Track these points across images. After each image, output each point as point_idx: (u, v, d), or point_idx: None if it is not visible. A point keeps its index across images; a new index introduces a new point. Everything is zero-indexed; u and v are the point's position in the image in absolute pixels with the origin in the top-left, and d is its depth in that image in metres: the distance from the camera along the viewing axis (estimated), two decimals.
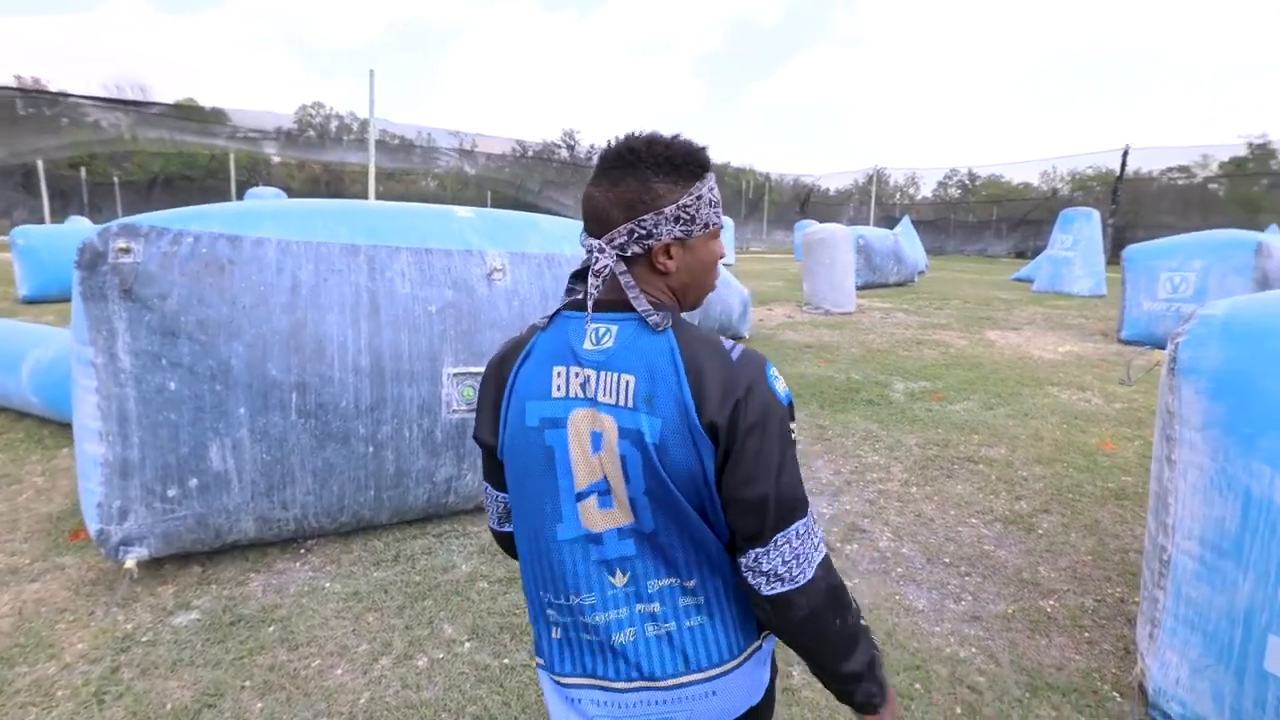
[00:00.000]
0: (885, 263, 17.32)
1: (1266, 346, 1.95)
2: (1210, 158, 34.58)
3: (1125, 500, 4.32)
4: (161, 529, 3.01)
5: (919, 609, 3.15)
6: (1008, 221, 39.61)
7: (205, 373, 2.95)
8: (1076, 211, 16.60)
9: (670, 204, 1.02)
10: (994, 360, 8.50)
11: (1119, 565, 3.53)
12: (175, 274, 2.90)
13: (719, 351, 1.00)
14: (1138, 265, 9.85)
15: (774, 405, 0.98)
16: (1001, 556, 3.65)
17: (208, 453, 3.01)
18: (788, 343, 9.48)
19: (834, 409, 6.29)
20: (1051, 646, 2.86)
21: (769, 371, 1.00)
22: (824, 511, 4.17)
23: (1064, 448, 5.27)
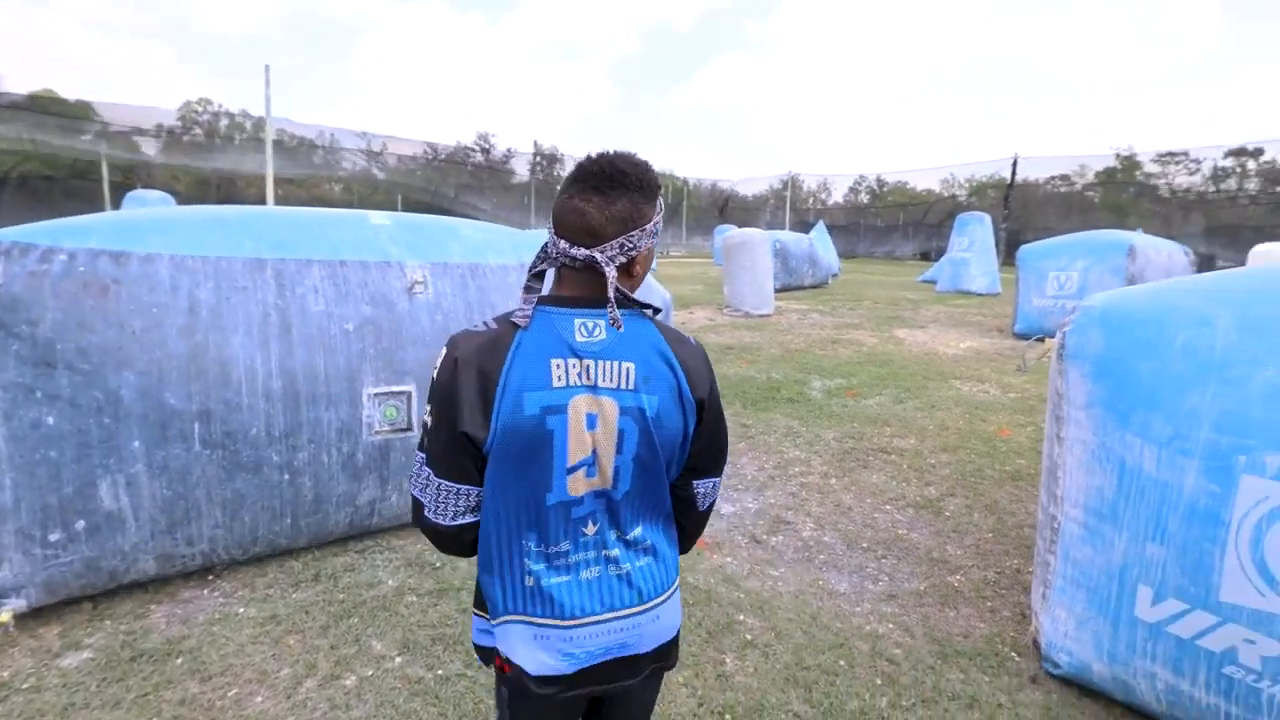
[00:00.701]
0: (801, 266, 17.87)
1: (1136, 334, 2.17)
2: (1087, 167, 37.61)
3: (1020, 481, 4.62)
4: (43, 577, 2.74)
5: (841, 592, 3.29)
6: (913, 225, 41.51)
7: (90, 405, 2.70)
8: (971, 216, 17.60)
9: (649, 222, 1.21)
10: (903, 357, 8.91)
11: (1015, 540, 3.78)
12: (47, 297, 2.61)
13: (686, 341, 1.30)
14: (1029, 265, 10.62)
15: (715, 381, 1.33)
16: (914, 539, 3.85)
17: (97, 491, 2.76)
18: (710, 345, 9.66)
19: (757, 408, 6.46)
20: (959, 617, 3.05)
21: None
22: (749, 506, 4.29)
23: (966, 436, 5.59)
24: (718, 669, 2.69)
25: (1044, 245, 10.78)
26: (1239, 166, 33.15)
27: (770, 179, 52.77)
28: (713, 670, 2.68)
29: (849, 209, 50.47)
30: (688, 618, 3.01)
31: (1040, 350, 2.91)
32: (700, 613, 3.06)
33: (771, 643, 2.85)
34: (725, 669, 2.69)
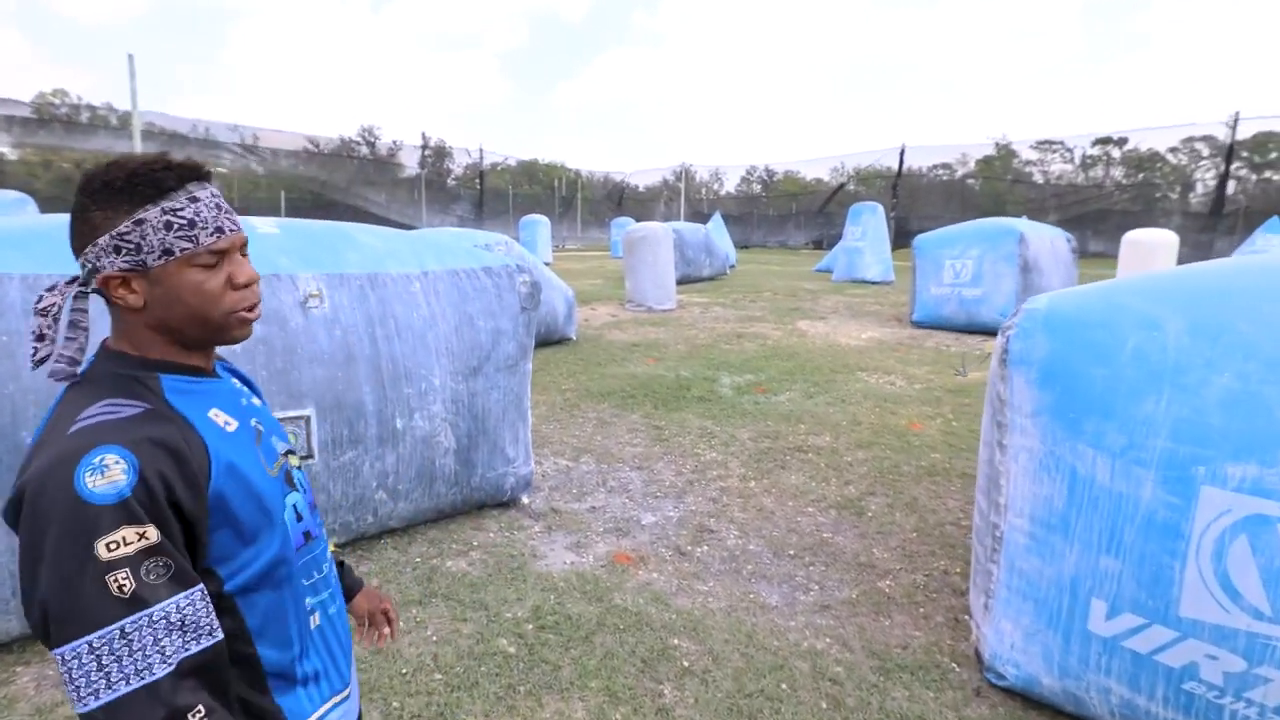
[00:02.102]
0: (698, 256, 17.95)
1: (1083, 337, 2.11)
2: (968, 156, 39.57)
3: (936, 477, 4.68)
4: None
5: (773, 605, 3.18)
6: (805, 214, 42.72)
7: None
8: (864, 205, 18.16)
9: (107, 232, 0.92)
10: (808, 350, 9.02)
11: (940, 540, 3.79)
12: None
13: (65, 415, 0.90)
14: (926, 254, 10.88)
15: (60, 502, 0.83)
16: (839, 543, 3.79)
17: None
18: (615, 342, 9.49)
19: (668, 408, 6.33)
20: (894, 626, 2.99)
21: (89, 457, 0.84)
22: (670, 515, 4.14)
23: (879, 431, 5.65)
24: (656, 702, 2.53)
25: (940, 234, 11.07)
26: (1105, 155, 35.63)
27: (664, 170, 53.00)
28: (651, 704, 2.51)
29: (741, 199, 51.50)
30: (619, 645, 2.82)
31: (974, 354, 2.86)
32: (632, 639, 2.87)
33: (710, 668, 2.70)
34: (664, 701, 2.53)
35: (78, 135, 35.73)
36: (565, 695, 2.56)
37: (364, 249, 3.62)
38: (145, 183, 0.93)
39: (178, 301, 0.96)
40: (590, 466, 4.93)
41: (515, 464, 4.12)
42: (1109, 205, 30.70)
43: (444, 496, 3.82)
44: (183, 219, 0.94)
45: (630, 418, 6.08)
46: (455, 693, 2.57)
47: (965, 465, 4.85)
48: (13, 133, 30.96)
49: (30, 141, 32.67)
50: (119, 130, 33.52)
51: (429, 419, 3.63)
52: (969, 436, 5.45)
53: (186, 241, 0.94)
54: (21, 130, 31.34)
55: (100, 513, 0.83)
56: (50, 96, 40.35)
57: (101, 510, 0.83)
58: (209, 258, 0.97)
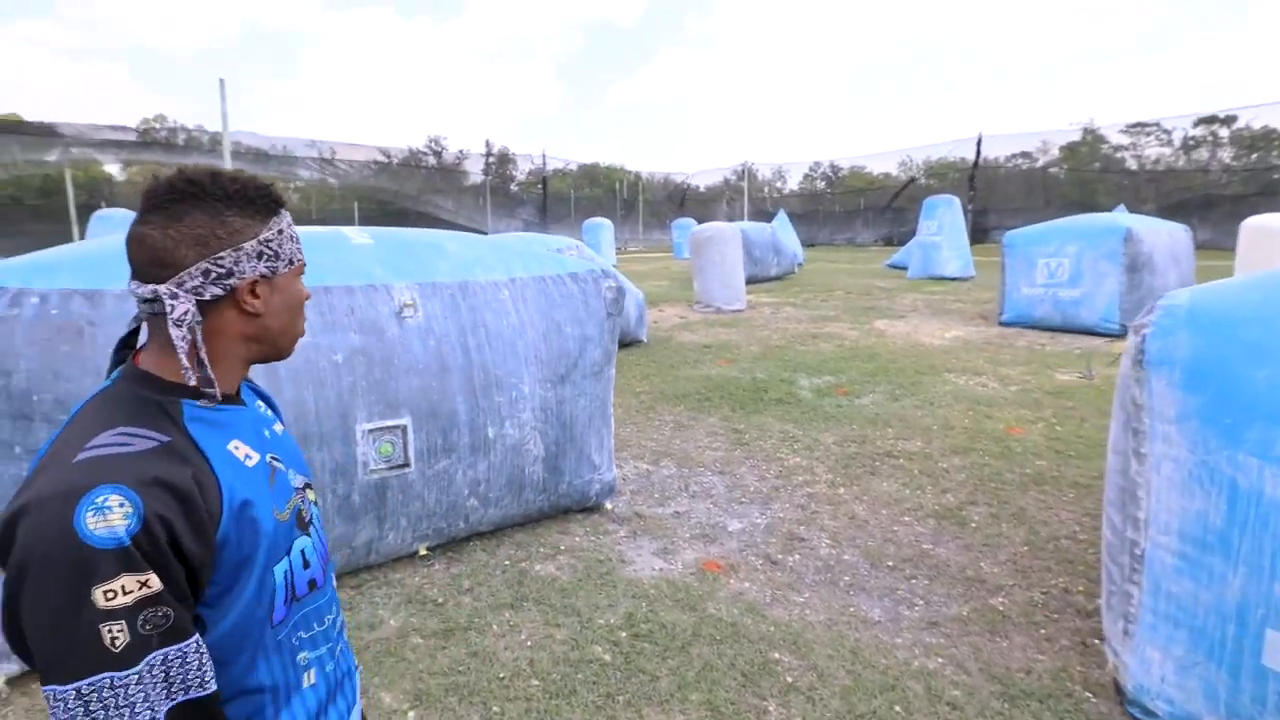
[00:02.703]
0: (765, 255, 17.67)
1: (1237, 335, 1.92)
2: (1050, 144, 37.57)
3: (1044, 486, 4.42)
4: None
5: (876, 620, 3.04)
6: (873, 210, 41.64)
7: None
8: (939, 199, 17.53)
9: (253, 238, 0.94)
10: (889, 350, 8.73)
11: (1055, 554, 3.56)
12: (19, 344, 2.40)
13: (77, 444, 0.82)
14: (1017, 251, 10.30)
15: (52, 545, 0.76)
16: (941, 555, 3.61)
17: None
18: (686, 344, 9.40)
19: (746, 410, 6.20)
20: (1013, 648, 2.81)
21: (91, 495, 0.77)
22: (758, 521, 4.03)
23: (975, 435, 5.39)
24: (761, 719, 2.41)
25: (1032, 231, 10.48)
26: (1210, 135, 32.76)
27: (724, 170, 52.49)
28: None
29: (806, 196, 50.54)
30: (718, 657, 2.74)
31: (1109, 353, 2.66)
32: (731, 651, 2.78)
33: (815, 685, 2.59)
34: (769, 719, 2.41)
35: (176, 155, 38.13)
36: (665, 707, 2.49)
37: (453, 258, 3.64)
38: (271, 198, 0.97)
39: (285, 309, 0.99)
40: (671, 470, 4.85)
41: (600, 470, 4.07)
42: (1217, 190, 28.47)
43: (532, 503, 3.80)
44: (294, 232, 1.00)
45: (708, 421, 5.98)
46: (553, 700, 2.54)
47: (1077, 474, 4.57)
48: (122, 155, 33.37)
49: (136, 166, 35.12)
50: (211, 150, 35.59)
51: (519, 427, 3.61)
52: (1077, 443, 5.15)
53: (300, 255, 1.01)
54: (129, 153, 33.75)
55: (100, 557, 0.76)
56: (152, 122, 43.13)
57: (101, 555, 0.76)
58: (301, 268, 1.03)
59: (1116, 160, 36.16)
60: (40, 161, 29.11)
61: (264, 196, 0.96)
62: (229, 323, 0.94)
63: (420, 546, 3.50)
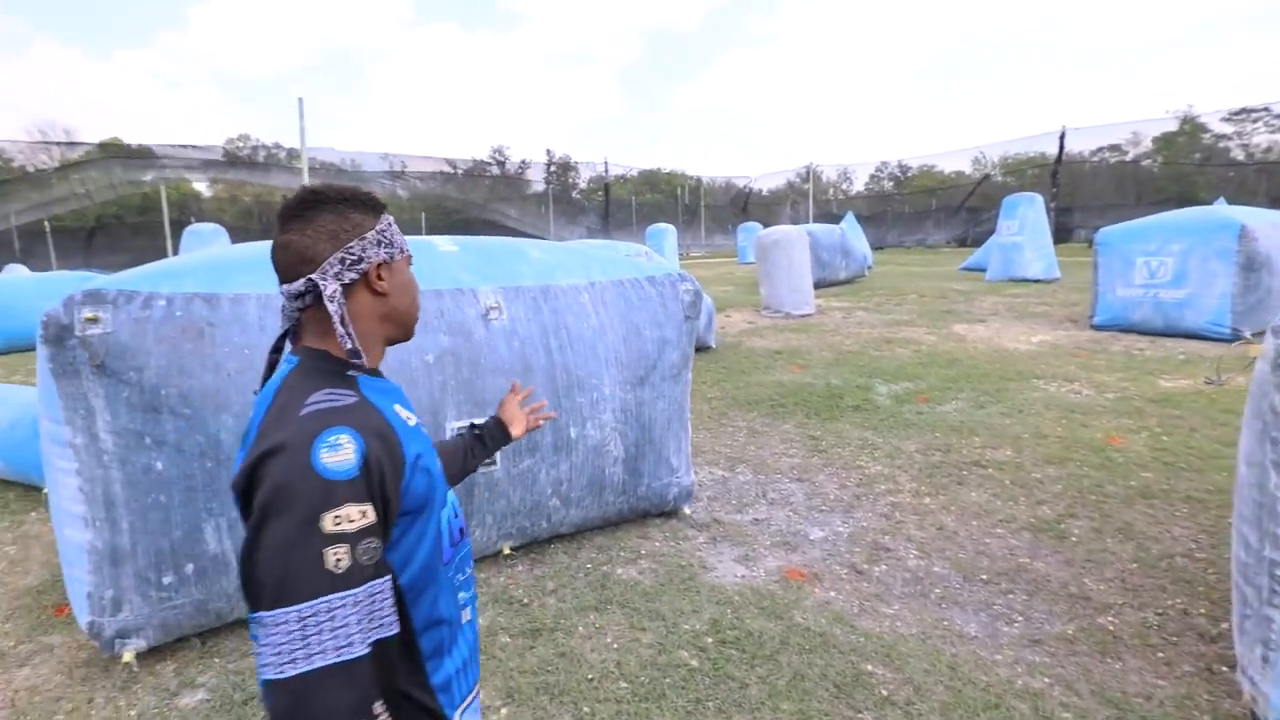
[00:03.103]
0: (834, 258, 17.30)
1: None
2: (1141, 134, 35.20)
3: (1153, 499, 4.16)
4: (159, 618, 2.75)
5: (972, 635, 2.91)
6: (945, 210, 40.37)
7: (194, 450, 2.66)
8: (1020, 197, 16.83)
9: (371, 230, 1.08)
10: (969, 355, 8.43)
11: (1169, 573, 3.34)
12: (150, 342, 2.58)
13: (299, 399, 0.96)
14: (1112, 249, 9.66)
15: (299, 474, 0.88)
16: (1040, 569, 3.44)
17: (203, 535, 2.74)
18: (756, 350, 9.27)
19: (822, 417, 6.07)
20: (1128, 671, 2.64)
21: (324, 436, 0.90)
22: (840, 530, 3.92)
23: (1071, 445, 5.13)
24: None
25: (1130, 228, 9.76)
26: None
27: (787, 173, 51.77)
28: None
29: (873, 198, 49.43)
30: (808, 667, 2.67)
31: (1242, 356, 2.47)
32: (821, 661, 2.70)
33: (913, 700, 2.49)
34: None
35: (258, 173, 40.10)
36: (756, 716, 2.44)
37: (534, 263, 3.70)
38: (375, 200, 1.13)
39: (404, 290, 1.14)
40: (747, 477, 4.78)
41: (678, 473, 4.03)
42: None
43: (611, 505, 3.80)
44: (398, 229, 1.15)
45: (782, 427, 5.87)
46: (643, 703, 2.52)
47: (1189, 488, 4.29)
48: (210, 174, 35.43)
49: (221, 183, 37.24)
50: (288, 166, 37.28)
51: (600, 428, 3.61)
52: (1188, 454, 4.84)
53: (407, 246, 1.15)
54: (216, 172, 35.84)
55: (333, 487, 0.87)
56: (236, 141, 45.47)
57: (334, 485, 0.88)
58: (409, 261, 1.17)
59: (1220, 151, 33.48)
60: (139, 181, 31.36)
61: (370, 199, 1.12)
62: (365, 305, 1.08)
63: (504, 545, 3.55)
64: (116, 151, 34.31)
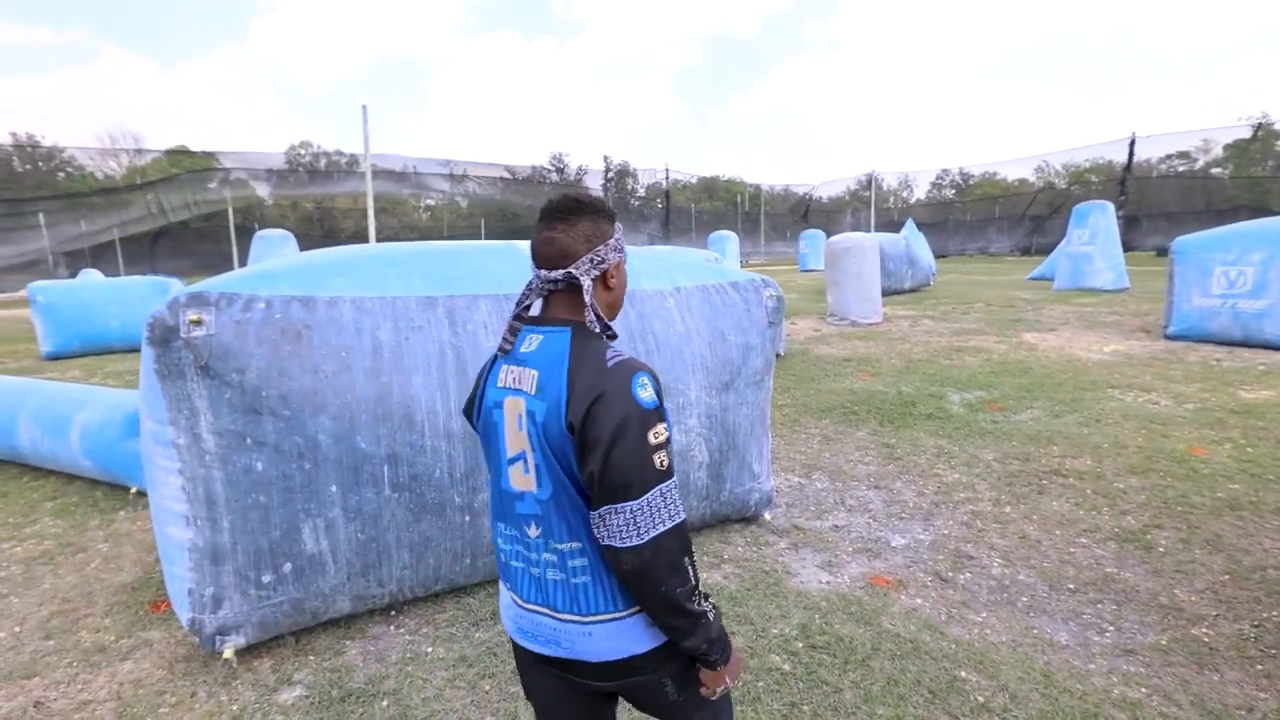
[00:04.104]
0: (899, 268, 17.13)
1: None
2: (1212, 142, 34.11)
3: (1241, 511, 4.10)
4: (258, 616, 2.81)
5: (1063, 644, 2.93)
6: (1008, 219, 39.45)
7: (292, 450, 2.72)
8: (1091, 205, 16.43)
9: (611, 238, 1.39)
10: (1042, 365, 8.30)
11: (1263, 585, 3.31)
12: (251, 344, 2.65)
13: (598, 357, 1.29)
14: (1188, 258, 9.44)
15: (630, 407, 1.23)
16: (1128, 579, 3.44)
17: (300, 535, 2.80)
18: (824, 357, 9.29)
19: (895, 425, 6.09)
20: (1226, 683, 2.64)
21: (636, 378, 1.26)
22: (921, 538, 3.96)
23: (1152, 455, 5.06)
24: None
25: (1209, 236, 9.56)
26: None
27: (848, 180, 51.38)
28: None
29: (934, 206, 48.57)
30: (901, 673, 2.73)
31: None
32: (914, 667, 2.77)
33: (1009, 707, 2.54)
34: None
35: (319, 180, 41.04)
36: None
37: None
38: (611, 211, 1.42)
39: (622, 285, 1.44)
40: (824, 484, 4.85)
41: (760, 479, 4.13)
42: None
43: (694, 510, 3.90)
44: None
45: (856, 434, 5.91)
46: (738, 706, 2.58)
47: (1279, 499, 4.21)
48: (272, 182, 36.37)
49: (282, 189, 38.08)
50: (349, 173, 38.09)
51: (685, 433, 3.73)
52: (1276, 466, 4.73)
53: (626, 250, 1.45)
54: (278, 180, 36.72)
55: (650, 414, 1.24)
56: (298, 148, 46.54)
57: (650, 412, 1.25)
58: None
59: None
60: (204, 188, 32.32)
61: (609, 209, 1.41)
62: (599, 295, 1.40)
63: None
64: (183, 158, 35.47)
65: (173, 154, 37.00)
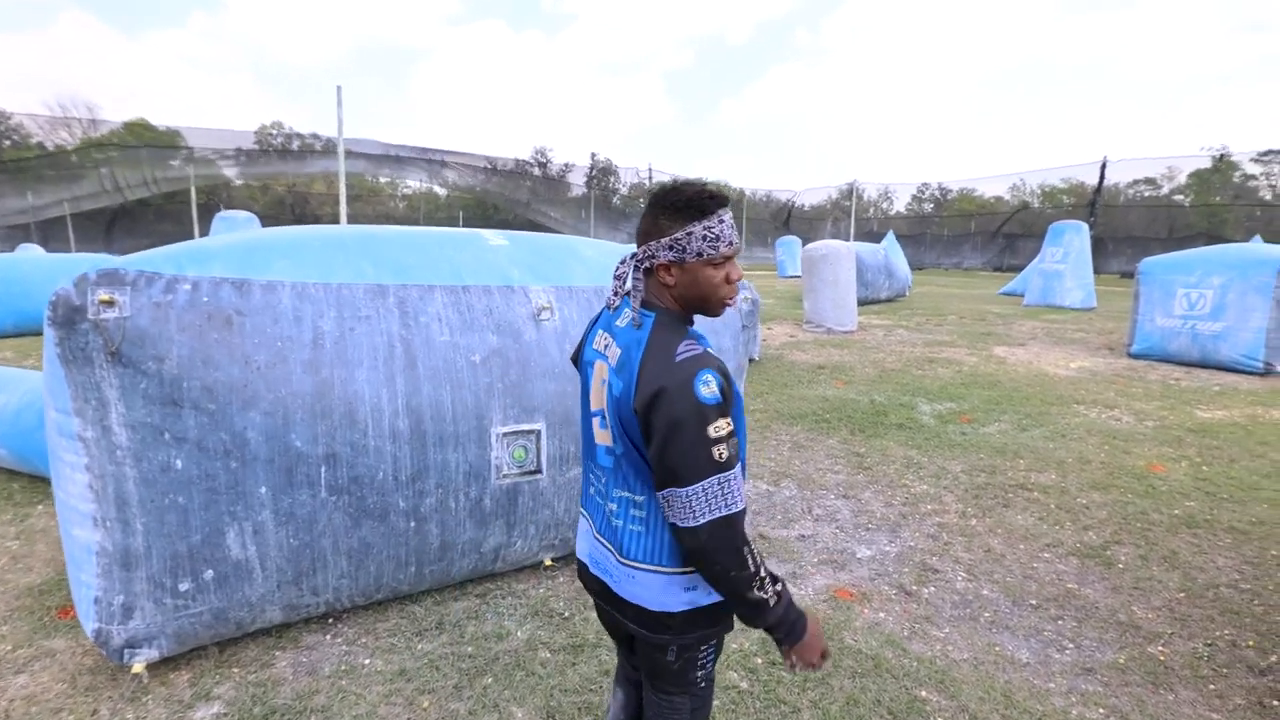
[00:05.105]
0: (877, 278, 17.24)
1: None
2: (1177, 169, 35.25)
3: (1197, 529, 4.10)
4: (173, 627, 2.57)
5: (1025, 662, 2.88)
6: (982, 235, 40.00)
7: (217, 448, 2.48)
8: (1066, 224, 16.65)
9: (665, 235, 1.42)
10: (1011, 378, 8.34)
11: (1216, 603, 3.30)
12: (173, 330, 2.39)
13: (668, 350, 1.37)
14: (1153, 279, 9.60)
15: (690, 403, 1.32)
16: (1089, 595, 3.40)
17: (224, 539, 2.56)
18: (798, 364, 9.25)
19: (866, 434, 6.05)
20: (1180, 703, 2.60)
21: (699, 376, 1.33)
22: (887, 549, 3.90)
23: (1114, 471, 5.07)
24: None
25: (1173, 258, 9.76)
26: None
27: (829, 188, 51.70)
28: None
29: (913, 218, 49.06)
30: (861, 692, 2.65)
31: None
32: (874, 686, 2.69)
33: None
34: None
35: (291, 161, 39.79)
36: None
37: (588, 262, 3.61)
38: (695, 207, 1.41)
39: (694, 285, 1.45)
40: (792, 492, 4.78)
41: None
42: None
43: None
44: (713, 234, 1.41)
45: (827, 442, 5.86)
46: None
47: (1232, 518, 4.22)
48: (240, 162, 34.85)
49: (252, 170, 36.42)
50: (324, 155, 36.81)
51: None
52: (1229, 484, 4.77)
53: (711, 249, 1.42)
54: (247, 160, 35.20)
55: (710, 410, 1.32)
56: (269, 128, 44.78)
57: (710, 408, 1.32)
58: (720, 260, 1.44)
59: (1249, 190, 33.57)
60: (166, 165, 30.38)
61: (689, 205, 1.41)
62: (657, 287, 1.49)
63: (546, 557, 3.48)
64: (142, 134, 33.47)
65: (132, 126, 35.05)
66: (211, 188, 33.78)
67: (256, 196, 36.95)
